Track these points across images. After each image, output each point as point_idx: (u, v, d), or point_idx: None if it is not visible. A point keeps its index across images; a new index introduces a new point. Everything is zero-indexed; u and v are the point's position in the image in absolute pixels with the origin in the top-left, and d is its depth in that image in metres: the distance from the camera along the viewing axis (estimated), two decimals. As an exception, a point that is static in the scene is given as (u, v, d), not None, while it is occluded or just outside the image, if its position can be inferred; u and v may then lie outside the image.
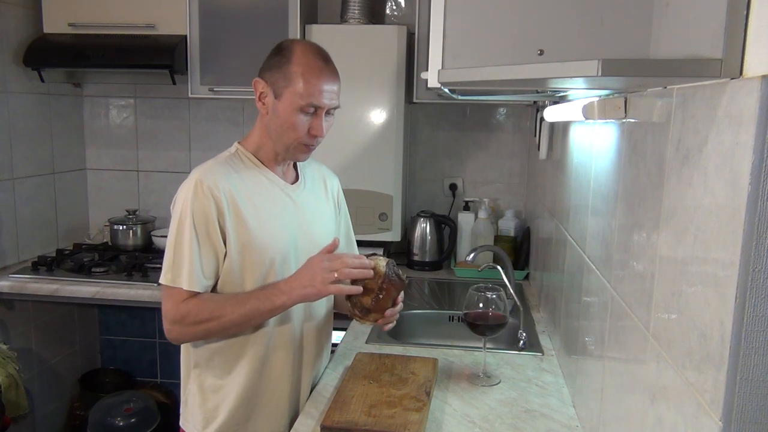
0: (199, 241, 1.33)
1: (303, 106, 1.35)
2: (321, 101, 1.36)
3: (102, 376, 3.03)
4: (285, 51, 1.38)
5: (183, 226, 1.33)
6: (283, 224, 1.43)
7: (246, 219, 1.37)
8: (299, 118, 1.36)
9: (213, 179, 1.34)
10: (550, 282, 1.99)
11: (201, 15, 2.50)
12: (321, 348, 1.57)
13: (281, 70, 1.36)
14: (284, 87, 1.35)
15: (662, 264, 0.87)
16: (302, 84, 1.34)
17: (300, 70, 1.35)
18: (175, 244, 1.34)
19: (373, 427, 1.29)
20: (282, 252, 1.41)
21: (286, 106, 1.36)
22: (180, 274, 1.33)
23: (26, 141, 2.63)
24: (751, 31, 0.67)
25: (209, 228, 1.33)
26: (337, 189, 1.65)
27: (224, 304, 1.34)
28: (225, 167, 1.39)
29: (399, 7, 2.83)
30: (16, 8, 2.56)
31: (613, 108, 1.09)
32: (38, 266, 2.50)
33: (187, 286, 1.32)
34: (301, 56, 1.36)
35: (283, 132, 1.38)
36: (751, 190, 0.62)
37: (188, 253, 1.32)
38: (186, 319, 1.33)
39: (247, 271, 1.38)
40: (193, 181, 1.34)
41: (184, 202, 1.34)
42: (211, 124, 2.96)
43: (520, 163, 2.87)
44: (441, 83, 1.06)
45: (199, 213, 1.32)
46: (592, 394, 1.29)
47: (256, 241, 1.37)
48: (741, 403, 0.65)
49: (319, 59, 1.38)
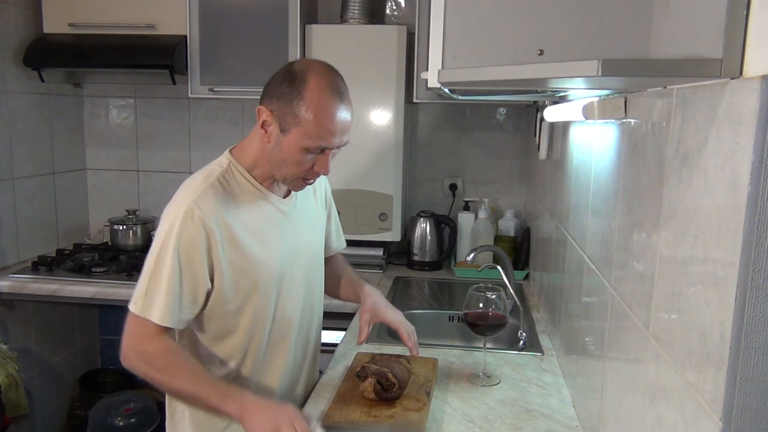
0: (181, 273, 1.22)
1: (310, 148, 1.24)
2: (331, 143, 1.25)
3: (102, 376, 3.03)
4: (297, 81, 1.23)
5: (165, 253, 1.22)
6: (279, 244, 1.37)
7: (242, 246, 1.29)
8: (304, 157, 1.26)
9: (207, 207, 1.24)
10: (550, 282, 1.99)
11: (201, 15, 2.50)
12: (312, 379, 1.57)
13: (291, 106, 1.22)
14: (292, 124, 1.23)
15: (662, 264, 0.87)
16: (313, 125, 1.22)
17: (312, 110, 1.21)
18: (152, 272, 1.23)
19: (373, 427, 1.29)
20: (278, 273, 1.37)
21: (291, 143, 1.24)
22: (152, 305, 1.22)
23: (26, 141, 2.63)
24: (751, 31, 0.67)
25: (194, 261, 1.23)
26: (325, 187, 1.60)
27: (183, 367, 1.25)
28: (219, 191, 1.28)
29: (399, 7, 2.82)
30: (16, 8, 2.56)
31: (613, 108, 1.09)
32: (38, 266, 2.50)
33: (158, 320, 1.22)
34: (315, 92, 1.22)
35: (284, 166, 1.28)
36: (751, 190, 0.62)
37: (166, 285, 1.22)
38: (142, 354, 1.25)
39: (242, 296, 1.32)
40: (184, 208, 1.23)
41: (170, 228, 1.23)
42: (211, 124, 2.96)
43: (520, 163, 2.87)
44: (441, 83, 1.06)
45: (186, 243, 1.22)
46: (592, 394, 1.29)
47: (251, 267, 1.31)
48: (741, 403, 0.65)
49: (334, 96, 1.24)
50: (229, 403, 1.22)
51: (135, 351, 1.26)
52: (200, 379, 1.25)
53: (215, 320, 1.34)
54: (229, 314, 1.33)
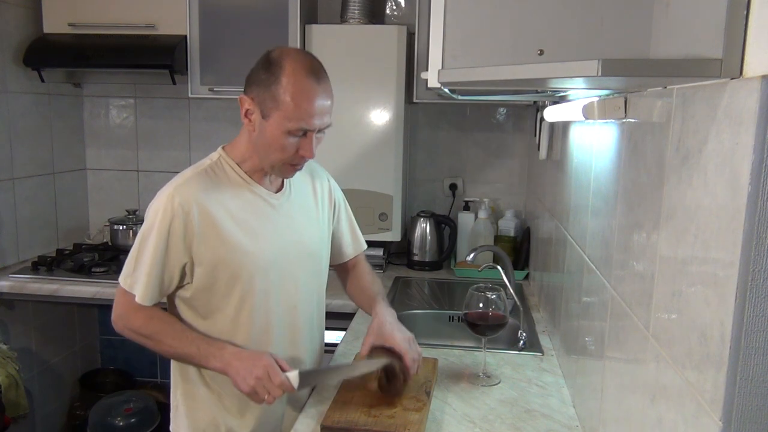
0: (161, 257, 1.31)
1: (292, 130, 1.28)
2: (311, 124, 1.28)
3: (102, 376, 3.03)
4: (273, 67, 1.27)
5: (148, 236, 1.31)
6: (264, 238, 1.39)
7: (223, 234, 1.32)
8: (287, 141, 1.29)
9: (187, 194, 1.30)
10: (550, 282, 1.99)
11: (201, 15, 2.50)
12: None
13: (269, 90, 1.27)
14: (272, 108, 1.27)
15: (662, 264, 0.87)
16: (292, 107, 1.26)
17: (289, 92, 1.25)
18: (138, 252, 1.33)
19: (373, 427, 1.29)
20: (263, 267, 1.38)
21: (273, 128, 1.28)
22: (136, 283, 1.32)
23: (26, 141, 2.63)
24: (751, 31, 0.67)
25: (172, 245, 1.30)
26: (330, 187, 1.59)
27: (167, 332, 1.34)
28: (204, 180, 1.35)
29: (399, 7, 2.83)
30: (16, 8, 2.56)
31: (613, 108, 1.09)
32: (38, 266, 2.50)
33: (140, 300, 1.32)
34: (291, 75, 1.26)
35: (270, 152, 1.32)
36: (751, 190, 0.62)
37: (148, 267, 1.31)
38: (130, 322, 1.35)
39: (224, 287, 1.36)
40: (165, 194, 1.31)
41: (155, 214, 1.31)
42: (211, 124, 2.96)
43: (520, 163, 2.87)
44: (441, 83, 1.06)
45: (164, 228, 1.29)
46: (592, 394, 1.29)
47: (232, 257, 1.33)
48: (741, 403, 0.65)
49: (310, 78, 1.27)
50: (211, 360, 1.31)
51: (123, 320, 1.37)
52: (184, 341, 1.33)
53: (201, 303, 1.38)
54: (210, 301, 1.37)
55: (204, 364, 1.33)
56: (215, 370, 1.32)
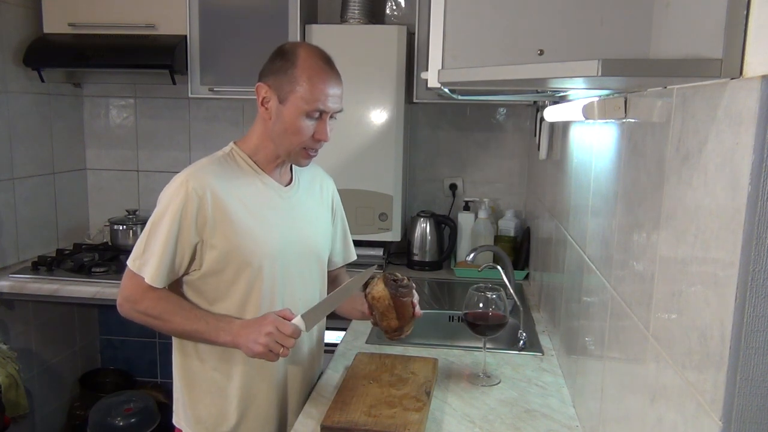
0: (173, 239, 1.33)
1: (309, 111, 1.34)
2: (327, 105, 1.35)
3: (102, 376, 3.03)
4: (288, 54, 1.35)
5: (161, 220, 1.33)
6: (274, 227, 1.42)
7: (233, 222, 1.35)
8: (304, 123, 1.35)
9: (201, 179, 1.34)
10: (550, 282, 1.99)
11: (201, 15, 2.50)
12: (313, 358, 1.56)
13: (286, 75, 1.34)
14: (289, 92, 1.34)
15: (662, 264, 0.87)
16: (308, 88, 1.33)
17: (305, 75, 1.33)
18: (149, 235, 1.35)
19: (373, 427, 1.29)
20: (271, 255, 1.40)
21: (291, 111, 1.34)
22: (146, 265, 1.34)
23: (26, 141, 2.62)
24: (751, 31, 0.67)
25: (184, 227, 1.33)
26: (332, 192, 1.63)
27: (176, 311, 1.35)
28: (217, 167, 1.39)
29: (399, 7, 2.82)
30: (16, 8, 2.56)
31: (613, 108, 1.09)
32: (38, 266, 2.50)
33: (149, 281, 1.33)
34: (306, 60, 1.34)
35: (287, 137, 1.37)
36: (751, 190, 0.62)
37: (160, 249, 1.32)
38: (138, 304, 1.36)
39: (233, 274, 1.37)
40: (180, 179, 1.34)
41: (169, 198, 1.34)
42: (211, 124, 2.96)
43: (520, 163, 2.87)
44: (441, 83, 1.06)
45: (177, 211, 1.32)
46: (592, 394, 1.29)
47: (243, 244, 1.36)
48: (741, 403, 0.65)
49: (323, 63, 1.36)
50: (221, 335, 1.33)
51: (130, 302, 1.37)
52: (192, 319, 1.35)
53: (209, 288, 1.39)
54: (220, 287, 1.39)
55: (214, 338, 1.34)
56: (225, 344, 1.34)
